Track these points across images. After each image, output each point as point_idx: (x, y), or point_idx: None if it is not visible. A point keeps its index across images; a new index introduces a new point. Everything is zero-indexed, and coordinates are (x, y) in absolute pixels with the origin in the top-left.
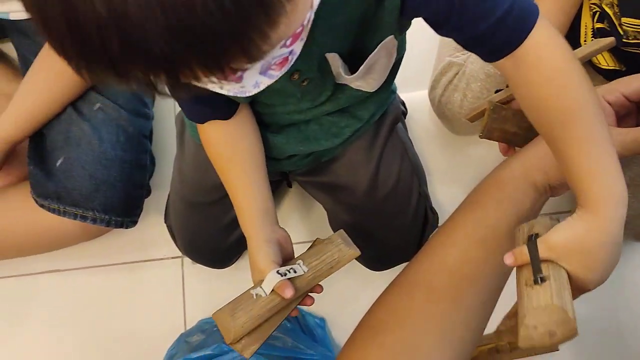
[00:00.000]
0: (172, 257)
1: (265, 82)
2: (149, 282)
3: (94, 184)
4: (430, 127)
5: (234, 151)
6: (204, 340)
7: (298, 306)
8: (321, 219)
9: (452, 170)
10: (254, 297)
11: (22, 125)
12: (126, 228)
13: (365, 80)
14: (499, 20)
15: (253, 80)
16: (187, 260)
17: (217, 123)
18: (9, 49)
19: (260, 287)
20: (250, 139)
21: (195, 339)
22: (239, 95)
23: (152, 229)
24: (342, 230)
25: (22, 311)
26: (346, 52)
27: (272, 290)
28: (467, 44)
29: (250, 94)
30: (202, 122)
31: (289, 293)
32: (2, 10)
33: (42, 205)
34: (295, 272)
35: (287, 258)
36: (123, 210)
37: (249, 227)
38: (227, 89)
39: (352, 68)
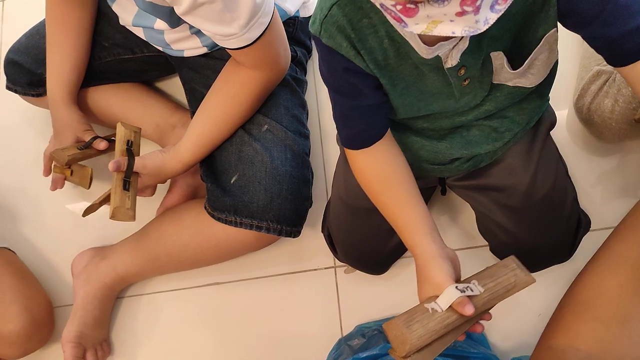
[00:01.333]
0: (326, 268)
1: (492, 17)
2: (305, 291)
3: (268, 197)
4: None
5: (392, 170)
6: (365, 343)
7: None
8: (467, 227)
9: (594, 176)
10: (430, 311)
11: (201, 149)
12: (294, 237)
13: (525, 77)
14: None
15: (484, 16)
16: (339, 269)
17: (370, 149)
18: (168, 85)
19: (436, 302)
20: (402, 158)
21: (356, 342)
22: (469, 34)
23: (305, 242)
24: (513, 256)
25: (193, 319)
26: (508, 48)
27: (449, 306)
28: (604, 44)
29: (479, 31)
30: (358, 148)
31: (469, 310)
32: (178, 48)
33: (218, 219)
34: (472, 290)
35: (456, 279)
36: (292, 221)
37: (420, 241)
38: (462, 26)
39: (513, 65)
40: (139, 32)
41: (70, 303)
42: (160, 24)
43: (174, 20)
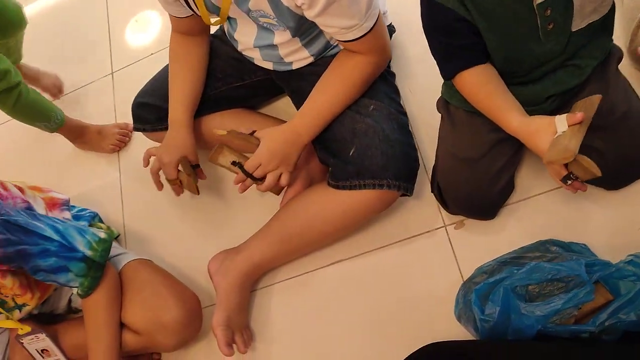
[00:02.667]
0: (437, 228)
1: None
2: (422, 253)
3: (385, 159)
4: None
5: (494, 82)
6: (489, 277)
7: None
8: None
9: None
10: (561, 133)
11: (314, 122)
12: (409, 194)
13: (596, 11)
14: None
15: None
16: (449, 228)
17: (475, 69)
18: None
19: (557, 123)
20: (499, 78)
21: (479, 278)
22: None
23: (411, 211)
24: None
25: (321, 299)
26: None
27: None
28: None
29: None
30: (462, 68)
31: (579, 116)
32: (289, 60)
33: (343, 187)
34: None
35: None
36: (407, 178)
37: (516, 116)
38: None
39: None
40: (255, 54)
41: (203, 305)
42: (278, 37)
43: (296, 28)
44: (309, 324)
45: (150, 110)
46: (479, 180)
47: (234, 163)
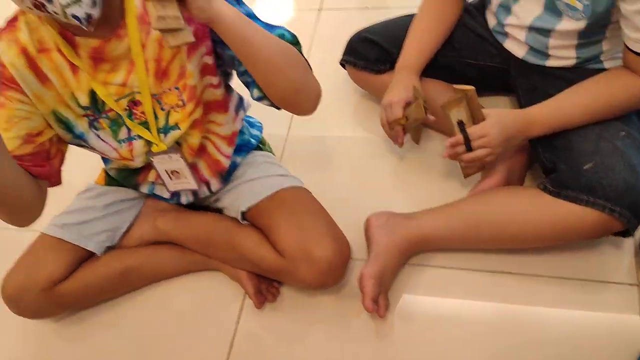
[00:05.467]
0: (629, 284)
1: None
2: (602, 303)
3: (625, 186)
4: None
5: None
6: None
7: None
8: None
9: None
10: None
11: (555, 118)
12: (629, 234)
13: None
14: None
15: None
16: None
17: None
18: None
19: None
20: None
21: None
22: None
23: (606, 253)
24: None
25: (472, 303)
26: None
27: None
28: None
29: None
30: None
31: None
32: (554, 55)
33: (565, 196)
34: None
35: None
36: (638, 216)
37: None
38: None
39: None
40: (519, 34)
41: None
42: (565, 24)
43: (595, 22)
44: (450, 321)
45: (373, 48)
46: None
47: (459, 123)
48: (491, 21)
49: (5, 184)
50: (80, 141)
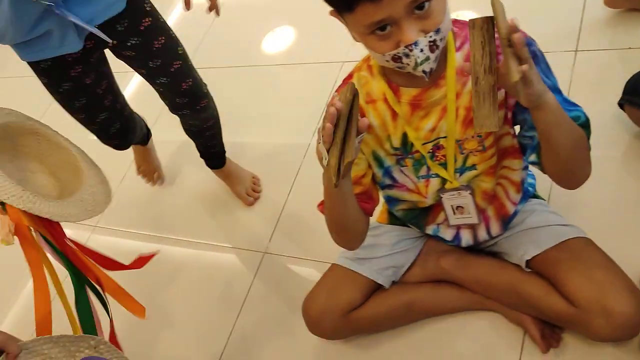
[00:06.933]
0: None
1: None
2: None
3: None
4: None
5: None
6: None
7: None
8: None
9: None
10: None
11: None
12: None
13: None
14: None
15: None
16: None
17: None
18: None
19: None
20: None
21: None
22: None
23: None
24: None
25: None
26: None
27: None
28: None
29: None
30: None
31: None
32: None
33: None
34: None
35: None
36: None
37: None
38: None
39: None
40: None
41: None
42: None
43: None
44: None
45: None
46: None
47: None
48: None
49: (352, 216)
50: (386, 177)
